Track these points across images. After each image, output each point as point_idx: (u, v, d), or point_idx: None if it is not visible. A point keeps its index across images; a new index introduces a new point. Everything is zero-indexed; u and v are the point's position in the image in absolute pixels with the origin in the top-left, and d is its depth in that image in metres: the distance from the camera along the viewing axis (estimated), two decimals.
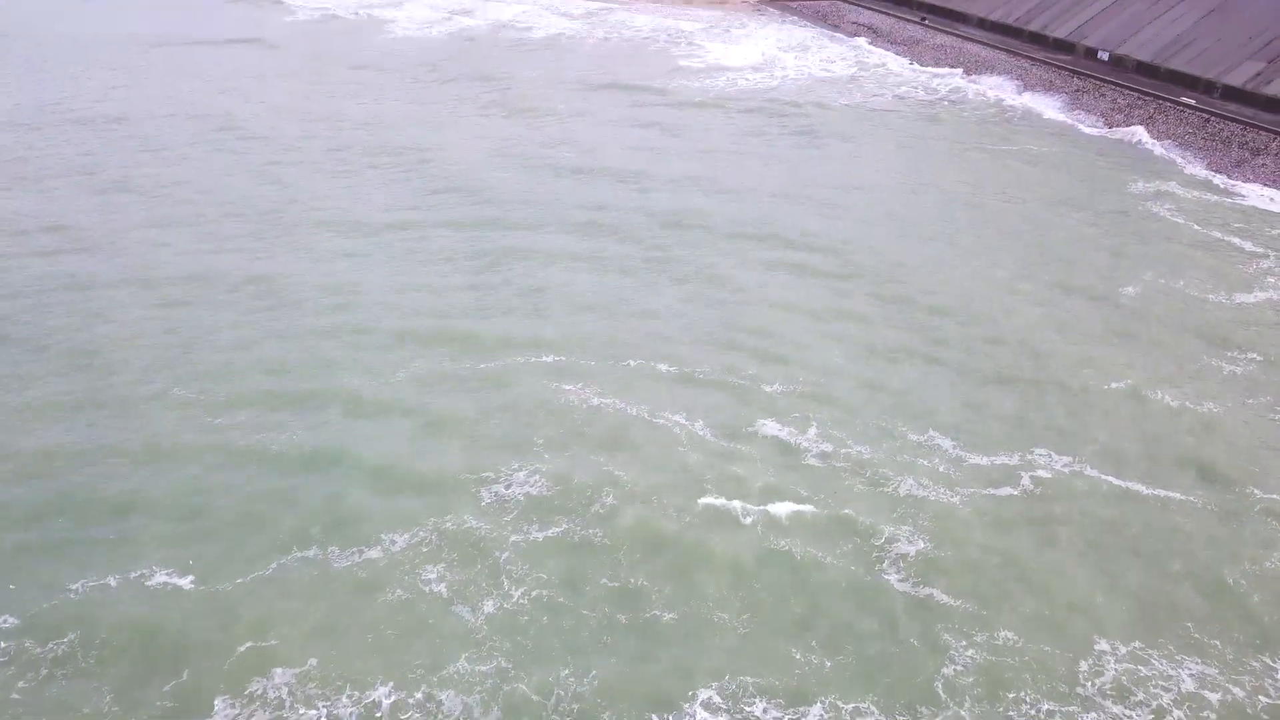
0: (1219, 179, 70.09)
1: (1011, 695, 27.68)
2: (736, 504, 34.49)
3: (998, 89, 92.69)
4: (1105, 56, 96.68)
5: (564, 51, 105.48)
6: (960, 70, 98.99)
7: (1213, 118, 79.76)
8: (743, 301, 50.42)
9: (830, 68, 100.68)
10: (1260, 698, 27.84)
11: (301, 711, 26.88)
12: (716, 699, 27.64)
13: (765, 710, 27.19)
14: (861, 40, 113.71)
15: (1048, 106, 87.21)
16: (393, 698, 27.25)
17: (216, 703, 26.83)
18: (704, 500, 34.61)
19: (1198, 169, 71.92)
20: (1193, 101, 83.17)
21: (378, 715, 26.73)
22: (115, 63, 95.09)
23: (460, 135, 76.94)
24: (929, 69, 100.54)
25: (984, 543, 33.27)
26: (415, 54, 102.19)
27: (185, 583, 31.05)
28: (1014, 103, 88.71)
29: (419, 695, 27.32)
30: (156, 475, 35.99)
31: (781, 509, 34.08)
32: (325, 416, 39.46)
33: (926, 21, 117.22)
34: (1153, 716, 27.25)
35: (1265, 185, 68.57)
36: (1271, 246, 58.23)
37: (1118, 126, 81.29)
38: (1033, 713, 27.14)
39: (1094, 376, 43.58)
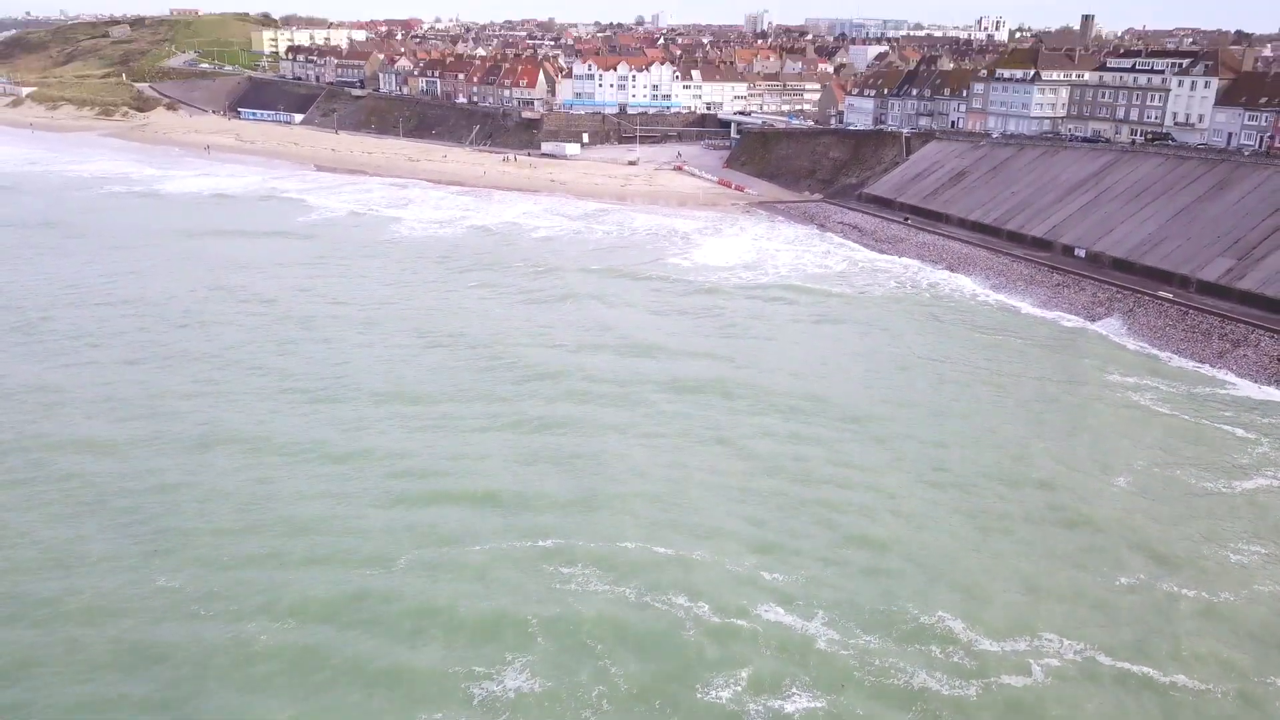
0: (1204, 369, 71.83)
1: None
2: (745, 704, 33.22)
3: (981, 283, 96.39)
4: (1082, 253, 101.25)
5: (571, 246, 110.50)
6: (944, 266, 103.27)
7: (1191, 310, 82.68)
8: (751, 470, 51.20)
9: (824, 261, 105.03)
10: None
11: None
12: None
13: None
14: (848, 238, 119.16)
15: (1030, 299, 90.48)
16: None
17: None
18: (707, 697, 33.40)
19: (1183, 360, 73.79)
20: (1170, 295, 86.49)
21: None
22: (155, 250, 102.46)
23: (480, 316, 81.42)
24: (913, 263, 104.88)
25: None
26: (427, 247, 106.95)
27: None
28: (997, 297, 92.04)
29: None
30: (151, 636, 35.73)
31: (791, 706, 32.87)
32: (326, 581, 39.61)
33: (909, 221, 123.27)
34: None
35: (1248, 375, 70.27)
36: (1264, 433, 59.13)
37: (1099, 319, 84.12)
38: None
39: (1101, 562, 43.22)
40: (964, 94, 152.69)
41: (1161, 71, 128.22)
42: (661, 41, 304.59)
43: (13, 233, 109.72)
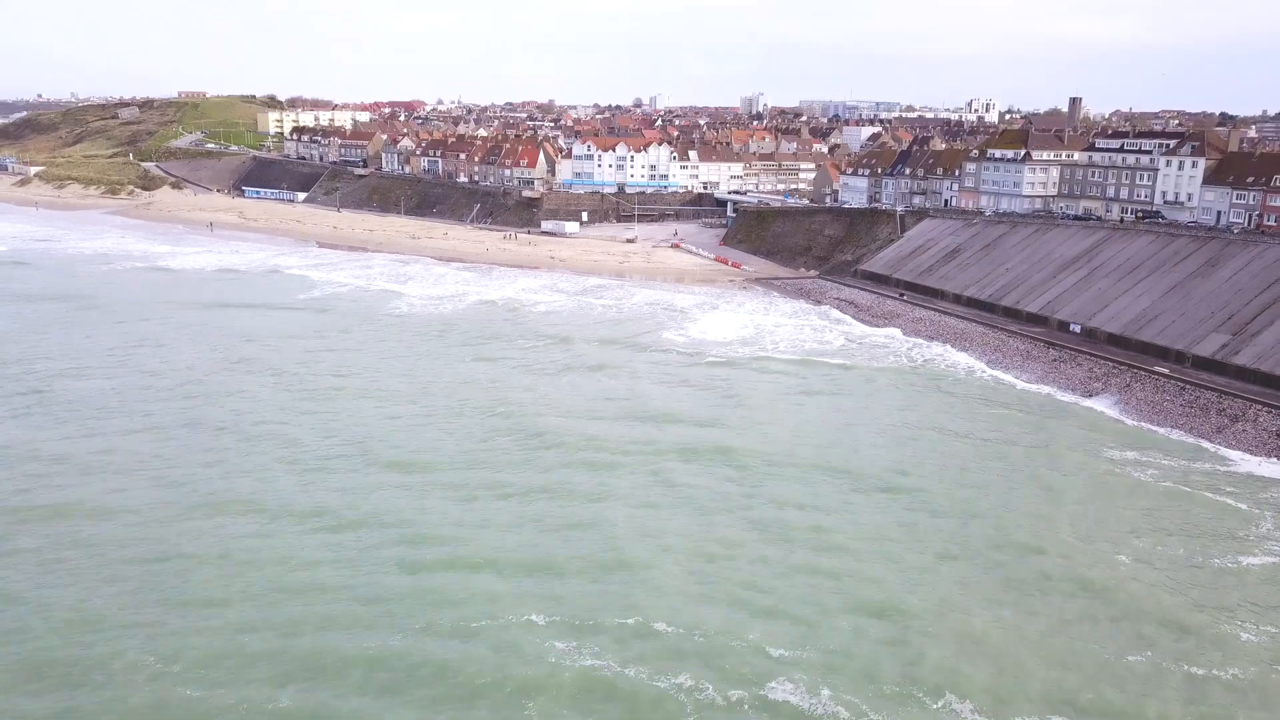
0: (1204, 444, 71.67)
1: None
2: None
3: (979, 358, 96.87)
4: (1077, 329, 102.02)
5: (572, 320, 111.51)
6: (941, 341, 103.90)
7: (1188, 386, 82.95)
8: (761, 539, 50.88)
9: (823, 336, 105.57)
10: None
11: None
12: None
13: None
14: (845, 314, 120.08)
15: (1027, 374, 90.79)
16: None
17: None
18: None
19: (1183, 435, 73.70)
20: (1166, 370, 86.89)
21: None
22: (161, 323, 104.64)
23: (483, 385, 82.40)
24: (910, 339, 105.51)
25: None
26: (429, 321, 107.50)
27: None
28: (995, 372, 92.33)
29: None
30: None
31: None
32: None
33: (905, 297, 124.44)
34: None
35: (1248, 451, 70.17)
36: (1267, 508, 58.78)
37: (1097, 394, 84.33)
38: None
39: (1113, 637, 42.51)
40: (956, 173, 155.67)
41: (1149, 152, 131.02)
42: (659, 123, 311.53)
43: (26, 305, 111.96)
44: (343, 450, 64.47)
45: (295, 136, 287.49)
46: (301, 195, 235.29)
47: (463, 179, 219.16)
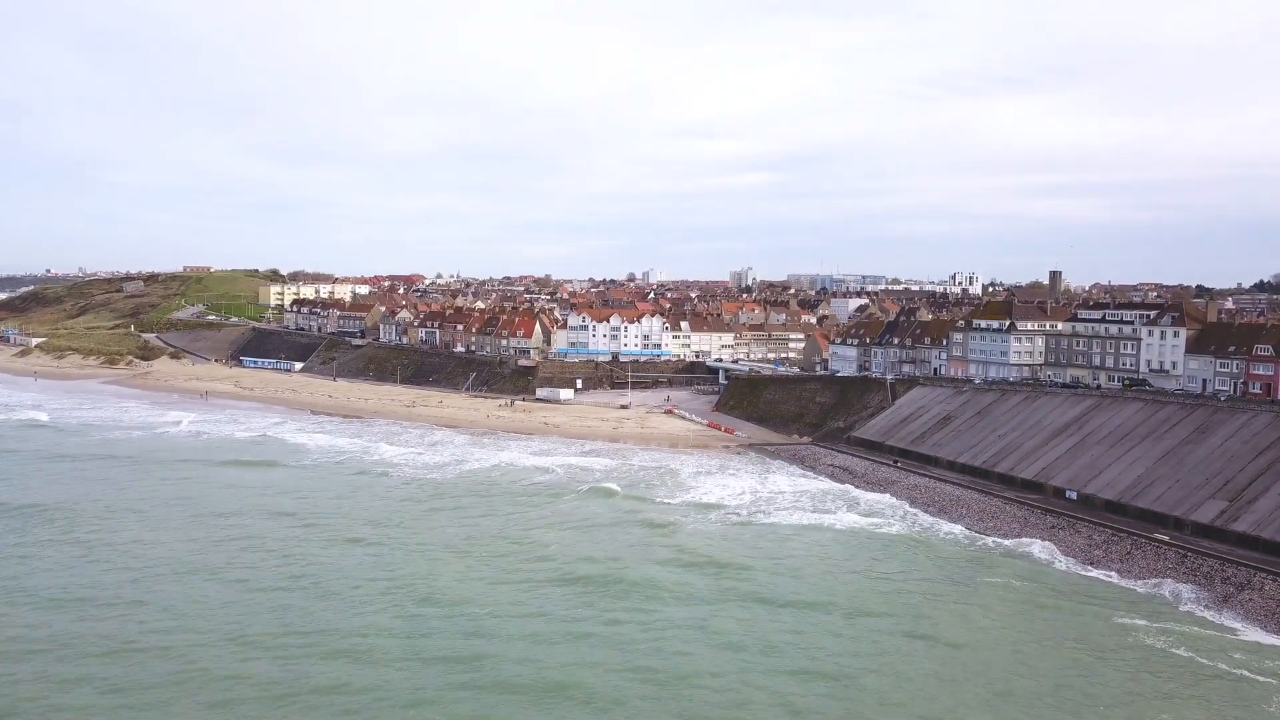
0: (1211, 614, 69.98)
1: None
2: None
3: (976, 525, 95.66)
4: (1073, 495, 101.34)
5: (568, 483, 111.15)
6: (938, 508, 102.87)
7: (1189, 553, 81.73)
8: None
9: (822, 504, 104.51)
10: None
11: None
12: None
13: None
14: (839, 481, 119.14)
15: (1026, 543, 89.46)
16: None
17: None
18: None
19: (1190, 605, 72.02)
20: (1166, 538, 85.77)
21: None
22: (189, 481, 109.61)
23: (490, 540, 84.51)
24: (907, 505, 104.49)
25: None
26: (426, 485, 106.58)
27: None
28: (995, 539, 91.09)
29: None
30: None
31: None
32: None
33: (899, 464, 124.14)
34: None
35: (1256, 620, 68.43)
36: None
37: (1099, 563, 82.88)
38: None
39: None
40: (944, 343, 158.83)
41: (1131, 322, 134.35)
42: (652, 296, 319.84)
43: (53, 463, 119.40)
44: (388, 592, 68.27)
45: (295, 308, 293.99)
46: (298, 365, 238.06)
47: (460, 349, 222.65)
